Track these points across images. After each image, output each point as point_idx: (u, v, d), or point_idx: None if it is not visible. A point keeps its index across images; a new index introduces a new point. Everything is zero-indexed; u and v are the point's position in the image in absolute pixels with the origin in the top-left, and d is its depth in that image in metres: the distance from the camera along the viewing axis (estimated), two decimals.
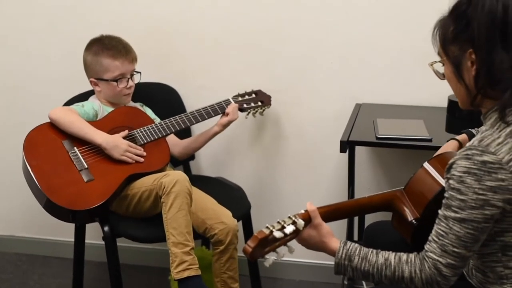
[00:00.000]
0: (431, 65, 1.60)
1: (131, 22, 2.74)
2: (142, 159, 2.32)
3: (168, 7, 2.72)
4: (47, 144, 2.30)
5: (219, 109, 2.51)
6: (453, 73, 1.51)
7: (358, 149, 2.57)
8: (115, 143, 2.29)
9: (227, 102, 2.53)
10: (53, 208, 2.21)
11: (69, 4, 2.81)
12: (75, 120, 2.32)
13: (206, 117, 2.50)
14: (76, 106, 2.40)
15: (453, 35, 1.47)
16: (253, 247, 1.46)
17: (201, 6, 2.69)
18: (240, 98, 2.57)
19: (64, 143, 2.30)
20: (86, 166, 2.27)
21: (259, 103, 2.61)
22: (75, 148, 2.30)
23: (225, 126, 2.51)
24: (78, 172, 2.26)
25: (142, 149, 2.33)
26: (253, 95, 2.61)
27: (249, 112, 2.59)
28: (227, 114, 2.49)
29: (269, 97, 2.64)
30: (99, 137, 2.29)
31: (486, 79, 1.44)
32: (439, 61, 1.56)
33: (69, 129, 2.31)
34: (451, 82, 1.55)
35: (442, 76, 1.59)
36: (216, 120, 2.52)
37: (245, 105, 2.56)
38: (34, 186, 2.22)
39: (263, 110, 2.63)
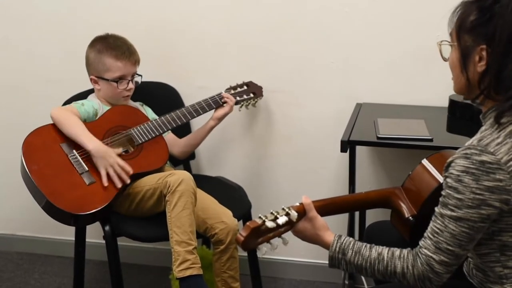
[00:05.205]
0: (440, 44, 1.57)
1: (132, 22, 2.74)
2: (127, 179, 2.24)
3: (169, 7, 2.72)
4: (46, 148, 2.27)
5: (213, 103, 2.51)
6: (458, 61, 1.49)
7: (359, 149, 2.58)
8: (105, 154, 2.24)
9: (220, 96, 2.53)
10: (56, 213, 2.20)
11: (70, 4, 2.82)
12: (72, 122, 2.28)
13: (201, 112, 2.49)
14: (76, 104, 2.38)
15: (472, 25, 1.44)
16: (245, 237, 1.47)
17: (202, 6, 2.69)
18: (232, 91, 2.58)
19: (63, 146, 2.28)
20: (87, 168, 2.25)
21: (251, 95, 2.62)
22: (74, 151, 2.28)
23: (221, 119, 2.52)
24: (79, 176, 2.24)
25: (131, 169, 2.26)
26: (245, 87, 2.62)
27: (242, 105, 2.60)
28: (225, 103, 2.50)
29: (260, 88, 2.64)
30: (91, 143, 2.24)
31: (493, 82, 1.43)
32: (449, 44, 1.53)
33: (65, 130, 2.28)
34: (453, 69, 1.53)
35: (446, 59, 1.56)
36: (210, 114, 2.53)
37: (238, 98, 2.57)
38: (36, 191, 2.20)
39: (256, 101, 2.64)
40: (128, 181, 2.25)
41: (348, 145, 2.20)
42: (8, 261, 3.10)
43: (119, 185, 2.23)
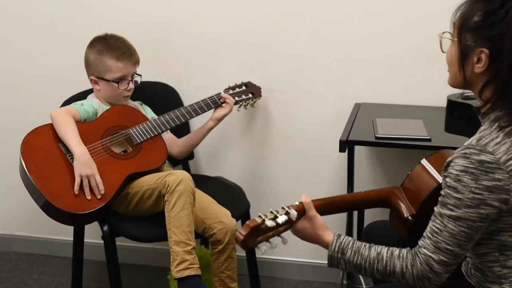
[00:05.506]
0: (441, 35, 1.55)
1: (132, 21, 2.74)
2: (99, 195, 2.20)
3: (169, 7, 2.72)
4: (45, 147, 2.27)
5: (212, 103, 2.51)
6: (456, 58, 1.48)
7: (358, 149, 2.57)
8: (88, 163, 2.22)
9: (219, 96, 2.53)
10: (54, 213, 2.20)
11: (70, 4, 2.82)
12: (66, 125, 2.27)
13: (200, 112, 2.50)
14: (75, 105, 2.38)
15: (475, 26, 1.43)
16: (245, 235, 1.47)
17: (202, 6, 2.70)
18: (231, 91, 2.58)
19: (61, 145, 2.28)
20: None
21: (250, 95, 2.62)
22: None
23: (220, 120, 2.52)
24: None
25: (103, 189, 2.22)
26: (244, 87, 2.63)
27: (240, 105, 2.60)
28: (225, 102, 2.50)
29: (259, 88, 2.65)
30: (77, 148, 2.22)
31: (498, 91, 1.42)
32: (450, 37, 1.52)
33: (59, 131, 2.27)
34: (451, 64, 1.52)
35: (444, 51, 1.55)
36: (209, 114, 2.53)
37: (236, 98, 2.57)
38: (35, 191, 2.20)
39: (254, 102, 2.64)
40: (102, 192, 2.21)
41: (346, 145, 2.20)
42: (6, 261, 3.10)
43: (88, 197, 2.20)
